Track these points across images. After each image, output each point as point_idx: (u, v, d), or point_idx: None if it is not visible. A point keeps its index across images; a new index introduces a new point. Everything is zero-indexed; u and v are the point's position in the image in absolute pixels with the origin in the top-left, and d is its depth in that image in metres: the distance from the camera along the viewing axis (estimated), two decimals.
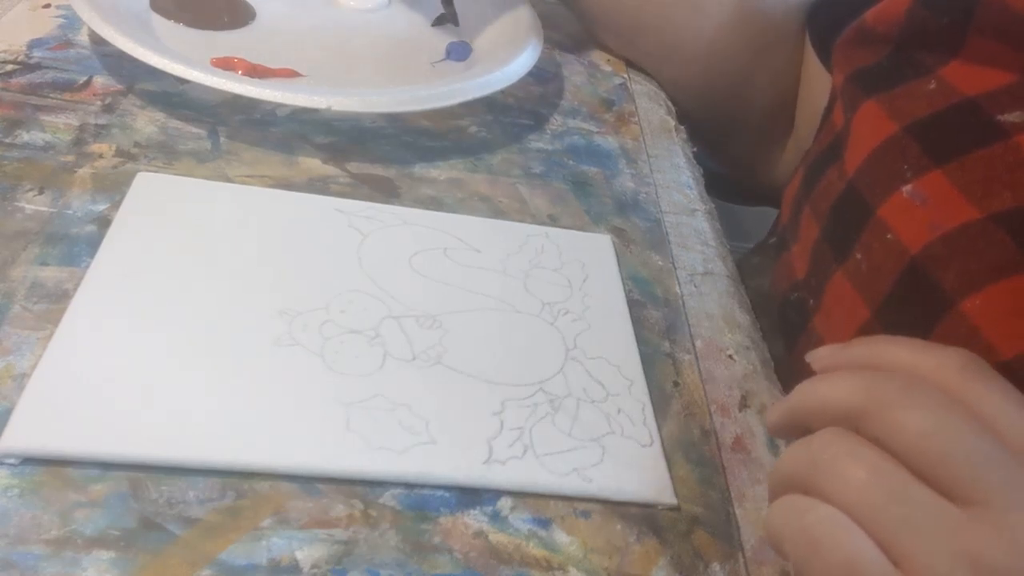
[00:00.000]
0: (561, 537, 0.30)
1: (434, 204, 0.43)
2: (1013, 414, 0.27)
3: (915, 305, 0.34)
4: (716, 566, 0.31)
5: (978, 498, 0.24)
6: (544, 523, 0.31)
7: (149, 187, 0.39)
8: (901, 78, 0.38)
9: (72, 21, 0.49)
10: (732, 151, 0.62)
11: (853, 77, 0.41)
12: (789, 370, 0.41)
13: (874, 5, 0.41)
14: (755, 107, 0.57)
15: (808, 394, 0.30)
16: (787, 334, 0.43)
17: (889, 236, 0.36)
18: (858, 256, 0.37)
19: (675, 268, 0.44)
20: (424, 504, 0.30)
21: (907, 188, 0.36)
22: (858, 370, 0.29)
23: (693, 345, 0.40)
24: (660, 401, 0.36)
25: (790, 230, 0.45)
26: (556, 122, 0.52)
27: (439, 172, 0.46)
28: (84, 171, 0.39)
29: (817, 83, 0.51)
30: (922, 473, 0.25)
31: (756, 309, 0.44)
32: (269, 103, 0.43)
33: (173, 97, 0.45)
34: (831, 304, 0.39)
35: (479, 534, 0.30)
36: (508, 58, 0.50)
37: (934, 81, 0.37)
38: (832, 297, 0.39)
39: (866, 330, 0.36)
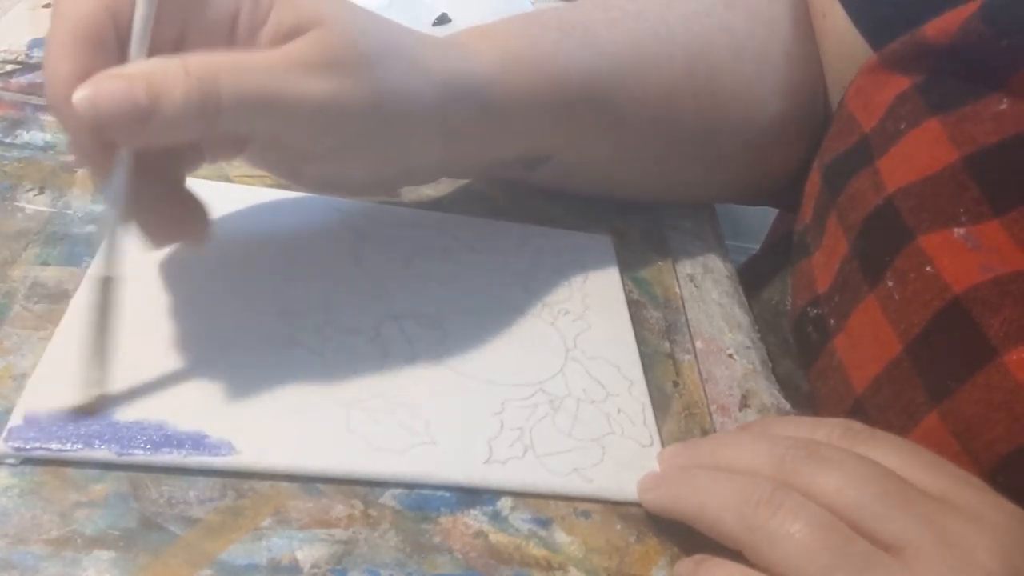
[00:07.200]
0: (561, 537, 0.30)
1: (434, 204, 0.43)
2: (909, 465, 0.29)
3: (953, 347, 0.32)
4: None
5: (907, 540, 0.26)
6: (544, 523, 0.31)
7: None
8: (970, 96, 0.35)
9: None
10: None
11: (915, 89, 0.37)
12: (796, 392, 0.40)
13: (932, 14, 0.37)
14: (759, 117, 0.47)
15: (718, 457, 0.31)
16: (802, 351, 0.41)
17: (929, 268, 0.33)
18: (890, 283, 0.35)
19: (675, 268, 0.44)
20: (424, 504, 0.30)
21: (960, 231, 0.33)
22: (762, 437, 0.31)
23: (693, 345, 0.40)
24: (660, 401, 0.36)
25: (813, 234, 0.42)
26: None
27: None
28: (84, 171, 0.39)
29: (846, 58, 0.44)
30: (854, 526, 0.27)
31: (764, 324, 0.43)
32: None
33: None
34: (857, 330, 0.37)
35: (479, 534, 0.30)
36: None
37: (1006, 101, 0.34)
38: (859, 322, 0.37)
39: (896, 364, 0.34)
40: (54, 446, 0.28)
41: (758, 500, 0.27)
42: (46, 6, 0.50)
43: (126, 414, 0.29)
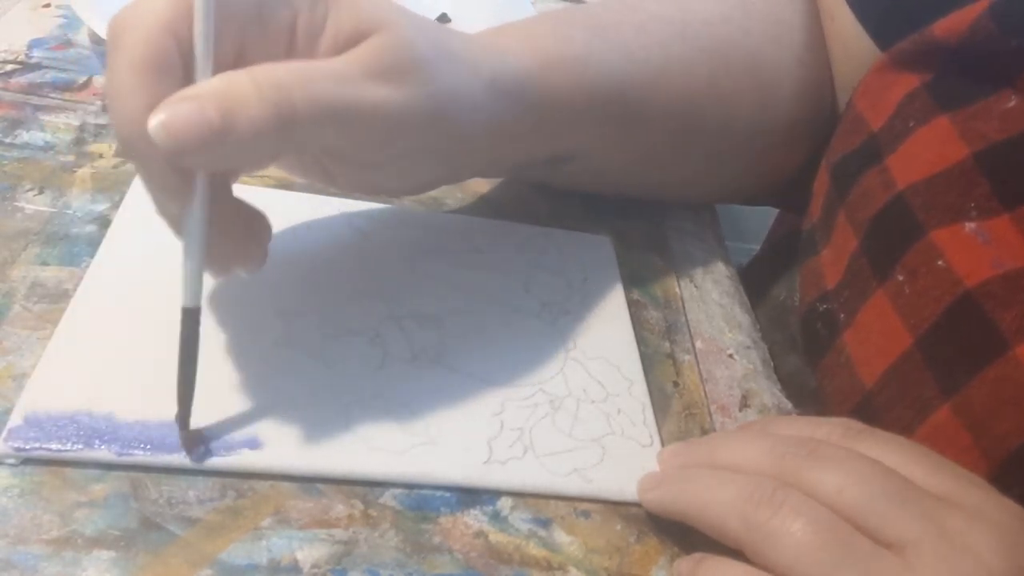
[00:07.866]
0: (561, 537, 0.30)
1: (435, 204, 0.43)
2: (910, 463, 0.28)
3: (965, 341, 0.32)
4: None
5: (909, 538, 0.26)
6: (544, 523, 0.31)
7: None
8: (979, 94, 0.35)
9: (72, 21, 0.49)
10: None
11: (924, 88, 0.37)
12: (802, 389, 0.40)
13: (939, 14, 0.37)
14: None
15: (719, 456, 0.31)
16: (810, 347, 0.41)
17: (940, 263, 0.34)
18: (900, 278, 0.35)
19: (675, 268, 0.44)
20: (424, 504, 0.30)
21: (971, 225, 0.33)
22: (762, 436, 0.31)
23: (693, 345, 0.40)
24: (660, 401, 0.36)
25: (821, 231, 0.42)
26: None
27: None
28: (84, 171, 0.39)
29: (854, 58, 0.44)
30: (855, 525, 0.27)
31: (770, 322, 0.43)
32: None
33: None
34: (867, 324, 0.37)
35: (479, 534, 0.30)
36: None
37: (1015, 98, 0.34)
38: (869, 317, 0.37)
39: (907, 358, 0.34)
40: (54, 446, 0.28)
41: (759, 499, 0.27)
42: (46, 6, 0.50)
43: (126, 414, 0.29)
